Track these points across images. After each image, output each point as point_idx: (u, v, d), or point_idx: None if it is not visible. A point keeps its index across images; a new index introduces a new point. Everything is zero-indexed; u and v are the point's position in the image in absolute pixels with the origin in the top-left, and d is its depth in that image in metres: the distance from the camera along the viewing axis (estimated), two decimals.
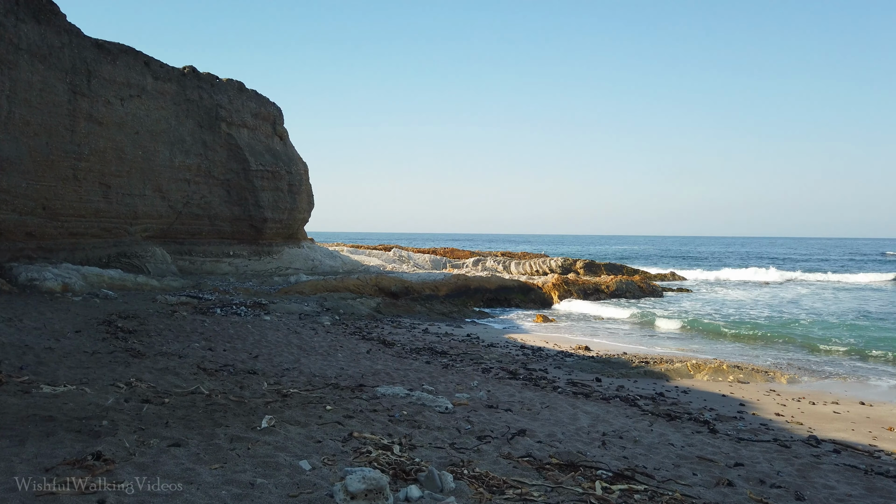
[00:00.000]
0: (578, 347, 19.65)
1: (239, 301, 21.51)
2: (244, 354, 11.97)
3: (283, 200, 33.38)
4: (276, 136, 34.49)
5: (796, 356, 18.83)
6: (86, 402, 6.44)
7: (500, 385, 11.52)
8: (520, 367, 14.31)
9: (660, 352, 19.49)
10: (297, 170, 34.43)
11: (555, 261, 50.19)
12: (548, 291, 35.15)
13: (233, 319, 17.37)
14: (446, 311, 27.23)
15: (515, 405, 9.50)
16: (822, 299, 36.50)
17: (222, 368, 10.12)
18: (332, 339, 15.91)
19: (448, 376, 11.93)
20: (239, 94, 32.66)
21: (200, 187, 30.99)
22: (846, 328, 24.22)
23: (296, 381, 9.88)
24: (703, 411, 10.66)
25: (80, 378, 7.97)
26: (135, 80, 27.92)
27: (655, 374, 14.74)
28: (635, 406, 10.42)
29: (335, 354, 13.31)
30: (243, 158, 31.76)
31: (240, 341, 13.69)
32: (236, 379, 9.31)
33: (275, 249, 33.85)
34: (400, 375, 11.43)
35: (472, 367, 13.77)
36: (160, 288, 23.97)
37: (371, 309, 24.78)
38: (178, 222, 30.60)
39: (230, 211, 32.11)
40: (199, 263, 30.61)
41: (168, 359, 10.18)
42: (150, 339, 12.22)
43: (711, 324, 25.10)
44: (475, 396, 9.90)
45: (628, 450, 7.11)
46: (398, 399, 8.65)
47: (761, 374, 16.13)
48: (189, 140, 30.44)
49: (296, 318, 19.92)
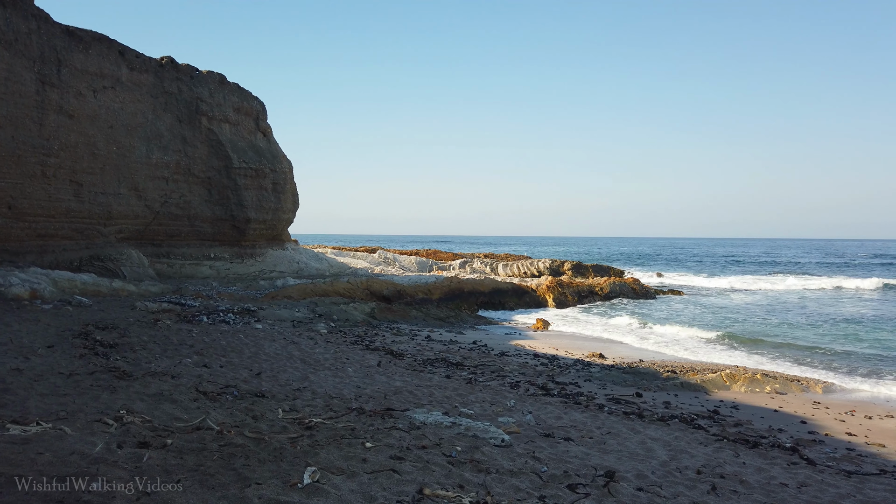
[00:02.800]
0: (592, 355, 18.50)
1: (225, 307, 19.89)
2: (244, 371, 10.46)
3: (267, 200, 31.67)
4: (260, 132, 32.78)
5: (809, 358, 18.43)
6: (66, 451, 4.94)
7: (538, 404, 10.19)
8: (547, 380, 13.01)
9: (678, 358, 18.35)
10: (282, 167, 32.75)
11: (543, 262, 49.16)
12: (542, 294, 34.08)
13: (222, 328, 15.80)
14: (443, 317, 25.86)
15: (572, 432, 8.16)
16: (819, 302, 36.02)
17: (224, 391, 8.62)
18: (334, 349, 14.43)
19: (477, 393, 10.56)
20: (220, 87, 30.89)
21: (179, 185, 29.17)
22: (841, 330, 24.15)
23: (312, 404, 8.43)
24: (773, 433, 9.45)
25: (56, 410, 6.44)
26: (109, 70, 26.07)
27: (692, 387, 13.56)
28: (700, 429, 9.16)
29: (345, 369, 11.85)
30: (225, 155, 30.01)
31: (235, 354, 12.16)
32: (244, 405, 7.83)
33: (258, 251, 32.11)
34: (425, 394, 10.03)
35: (496, 381, 12.41)
36: (138, 293, 22.20)
37: (365, 315, 23.29)
38: (155, 223, 28.75)
39: (211, 211, 30.33)
40: (178, 267, 28.79)
41: (160, 380, 8.65)
42: (136, 355, 10.64)
43: (722, 329, 24.65)
44: (522, 421, 8.54)
45: (744, 496, 5.80)
46: (443, 429, 7.26)
47: (795, 384, 15.16)
48: (167, 135, 28.63)
49: (289, 325, 18.38)
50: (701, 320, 27.36)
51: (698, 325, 25.10)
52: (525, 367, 14.75)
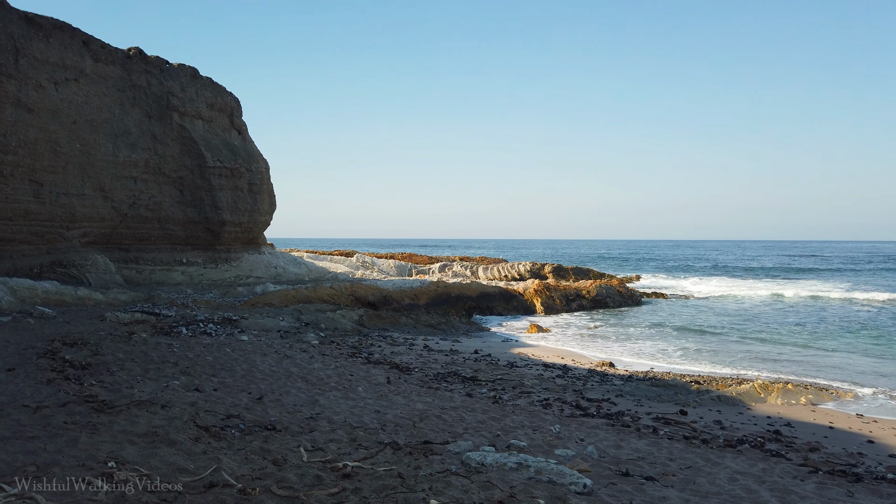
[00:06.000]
0: (602, 364, 17.44)
1: (205, 317, 18.25)
2: (243, 395, 8.99)
3: (243, 201, 29.92)
4: (235, 130, 31.00)
5: (816, 361, 18.14)
6: None
7: (584, 428, 8.94)
8: (576, 396, 11.79)
9: (686, 367, 17.29)
10: (258, 167, 31.02)
11: (524, 265, 48.19)
12: (530, 298, 33.03)
13: (205, 341, 14.23)
14: (434, 323, 24.54)
15: (646, 467, 6.92)
16: (801, 305, 35.71)
17: (227, 424, 7.18)
18: (334, 364, 12.99)
19: (512, 416, 9.27)
20: (192, 81, 29.06)
21: (149, 185, 27.28)
22: (834, 333, 23.94)
23: (334, 438, 7.04)
24: (856, 458, 8.37)
25: (23, 463, 4.95)
26: (71, 61, 24.13)
27: (729, 400, 12.50)
28: (779, 456, 8.00)
29: (354, 388, 10.44)
30: (198, 153, 28.20)
31: (227, 373, 10.65)
32: (257, 444, 6.41)
33: (233, 256, 30.32)
34: (456, 419, 8.70)
35: (523, 399, 11.12)
36: (106, 302, 20.38)
37: (354, 323, 21.83)
38: (123, 226, 26.80)
39: (183, 212, 28.47)
40: (148, 273, 26.88)
41: (149, 412, 7.15)
42: (114, 378, 9.08)
43: (714, 332, 24.39)
44: (584, 454, 7.27)
45: None
46: (509, 472, 5.94)
47: (826, 393, 14.35)
48: (136, 132, 26.73)
49: (276, 336, 16.85)
50: (694, 324, 26.78)
51: (693, 330, 24.96)
52: (543, 380, 13.51)
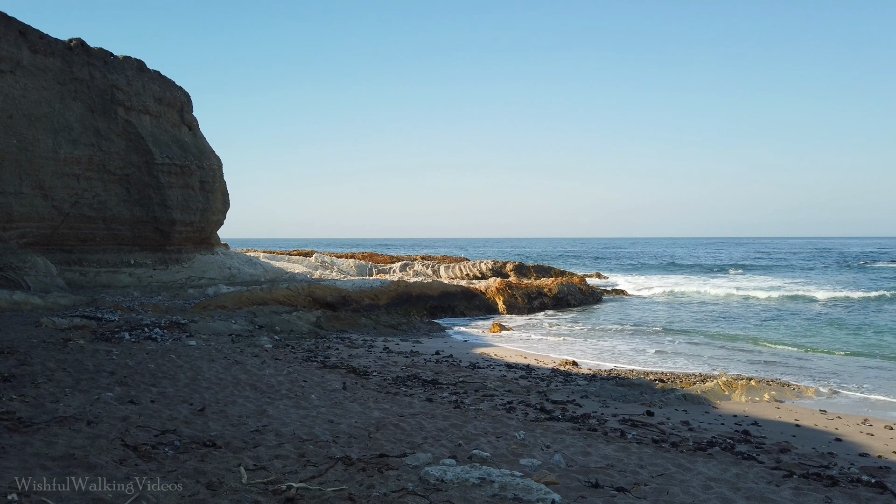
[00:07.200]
0: (565, 363, 17.17)
1: (151, 321, 17.32)
2: (183, 407, 8.29)
3: (195, 199, 28.80)
4: (185, 126, 29.82)
5: (769, 358, 18.25)
6: None
7: (550, 433, 8.50)
8: (540, 398, 11.37)
9: (650, 365, 17.12)
10: (210, 164, 29.91)
11: (485, 263, 47.87)
12: (492, 297, 32.72)
13: (148, 347, 13.39)
14: (394, 324, 23.93)
15: (616, 476, 6.50)
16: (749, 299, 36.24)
17: (160, 441, 6.50)
18: (287, 369, 12.31)
19: (474, 422, 8.77)
20: (139, 74, 27.83)
21: (93, 183, 26.00)
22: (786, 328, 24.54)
23: (280, 454, 6.44)
24: (829, 458, 8.12)
25: None
26: (6, 52, 22.78)
27: (694, 399, 12.28)
28: (751, 459, 7.69)
29: (307, 396, 9.81)
30: (146, 150, 27.00)
31: (169, 382, 9.91)
32: (191, 464, 5.77)
33: (185, 257, 29.17)
34: (414, 427, 8.16)
35: (486, 402, 10.65)
36: (44, 307, 19.23)
37: (311, 325, 21.08)
38: (64, 226, 25.49)
39: (130, 212, 27.24)
40: (93, 275, 25.62)
41: (71, 429, 6.44)
42: (38, 391, 8.27)
43: (674, 329, 24.59)
44: (550, 463, 6.81)
45: None
46: (472, 489, 5.43)
47: (789, 389, 14.38)
48: (78, 127, 25.44)
49: (227, 340, 16.05)
50: (654, 321, 26.96)
51: (654, 327, 25.10)
52: (506, 381, 13.07)
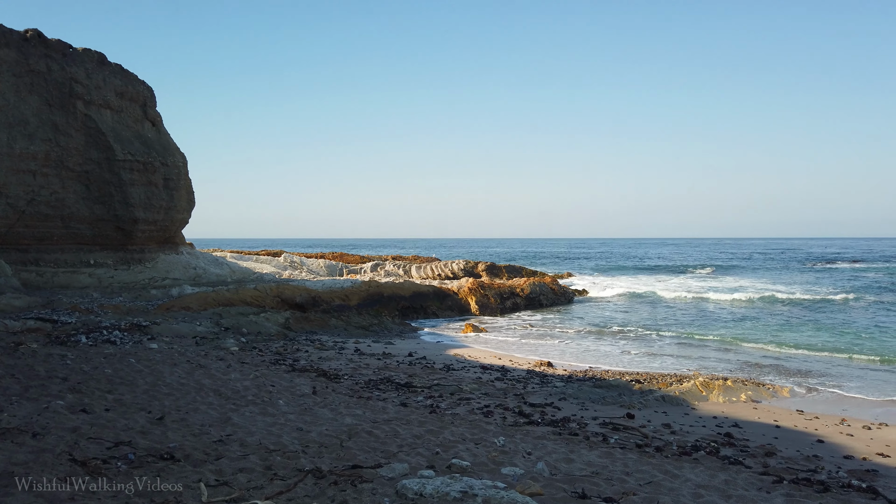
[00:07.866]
0: (541, 364, 16.91)
1: (110, 323, 16.59)
2: (141, 416, 7.75)
3: (158, 197, 27.90)
4: (148, 121, 28.88)
5: (742, 359, 18.23)
6: None
7: (530, 438, 8.16)
8: (518, 401, 11.04)
9: (626, 366, 16.97)
10: (175, 161, 29.02)
11: (457, 264, 47.52)
12: (464, 297, 32.40)
13: (106, 351, 12.73)
14: (366, 325, 23.44)
15: (602, 485, 6.18)
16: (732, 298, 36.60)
17: (113, 454, 5.98)
18: (254, 373, 11.78)
19: (451, 428, 8.39)
20: (99, 67, 26.85)
21: (50, 180, 24.99)
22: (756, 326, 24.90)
23: (245, 466, 5.97)
24: (814, 461, 7.93)
25: None
26: None
27: (672, 400, 12.08)
28: (738, 464, 7.45)
29: (274, 402, 9.32)
30: (106, 146, 26.05)
31: (126, 388, 9.32)
32: (146, 479, 5.27)
33: (148, 256, 28.25)
34: (388, 435, 7.75)
35: (462, 406, 10.27)
36: None
37: (280, 326, 20.50)
38: (20, 224, 24.44)
39: (90, 210, 26.26)
40: (51, 275, 24.61)
41: (13, 443, 5.88)
42: None
43: (648, 329, 24.64)
44: (533, 471, 6.46)
45: None
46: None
47: (764, 389, 14.34)
48: (34, 122, 24.42)
49: (191, 343, 15.42)
50: (625, 321, 27.00)
51: (626, 327, 25.11)
52: (482, 383, 12.72)
